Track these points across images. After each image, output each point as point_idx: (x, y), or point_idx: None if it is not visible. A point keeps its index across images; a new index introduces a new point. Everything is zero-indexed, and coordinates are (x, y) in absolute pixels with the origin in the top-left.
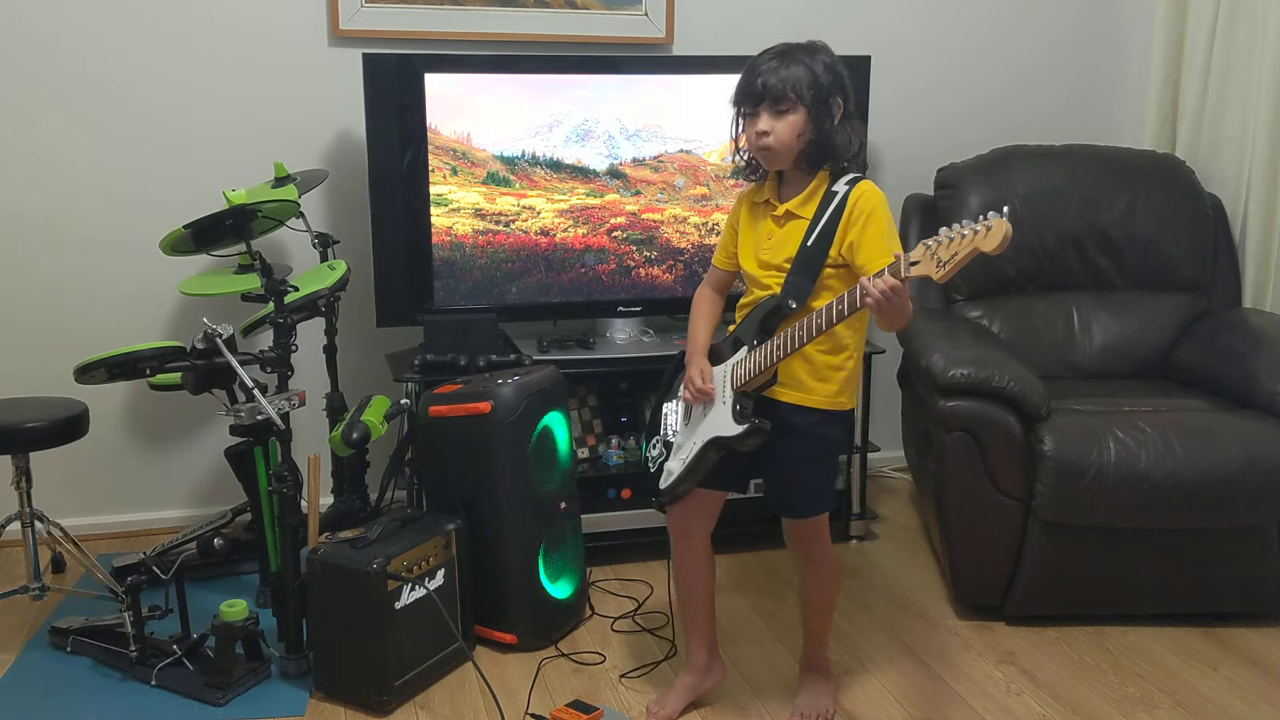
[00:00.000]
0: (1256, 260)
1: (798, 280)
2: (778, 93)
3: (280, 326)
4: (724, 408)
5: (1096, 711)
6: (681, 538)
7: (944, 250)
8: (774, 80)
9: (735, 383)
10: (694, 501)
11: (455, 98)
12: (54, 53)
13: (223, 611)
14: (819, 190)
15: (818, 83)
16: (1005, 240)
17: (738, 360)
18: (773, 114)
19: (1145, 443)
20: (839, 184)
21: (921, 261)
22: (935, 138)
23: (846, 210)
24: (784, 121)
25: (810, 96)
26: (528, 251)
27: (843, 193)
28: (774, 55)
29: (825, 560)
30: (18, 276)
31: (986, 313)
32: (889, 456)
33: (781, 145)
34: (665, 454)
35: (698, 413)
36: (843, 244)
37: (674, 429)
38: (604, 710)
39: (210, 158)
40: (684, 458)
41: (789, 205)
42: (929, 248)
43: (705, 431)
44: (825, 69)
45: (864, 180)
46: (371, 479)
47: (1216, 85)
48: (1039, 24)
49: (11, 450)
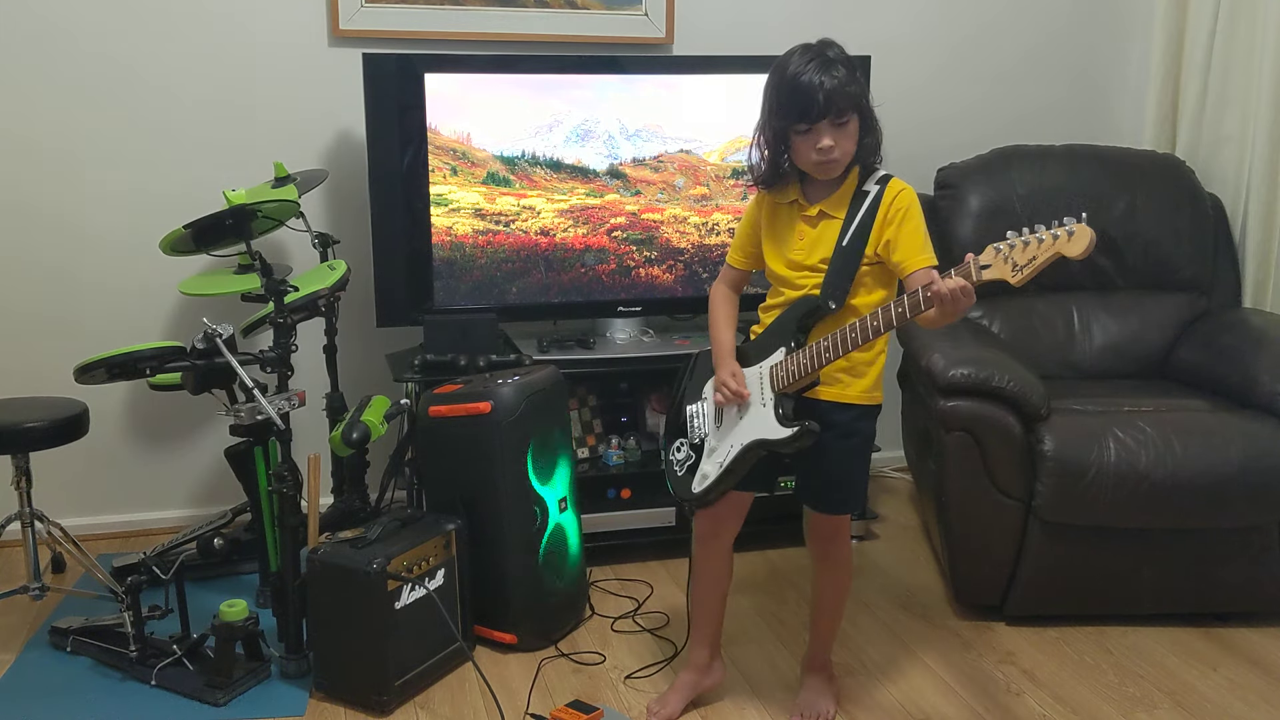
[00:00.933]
0: (1256, 260)
1: (836, 280)
2: (840, 106)
3: (280, 326)
4: (765, 410)
5: (1096, 711)
6: (709, 539)
7: (1019, 254)
8: (836, 93)
9: (776, 385)
10: (724, 504)
11: (455, 98)
12: (54, 51)
13: (223, 611)
14: (850, 189)
15: (859, 85)
16: (1091, 245)
17: (775, 362)
18: (834, 127)
19: (1145, 443)
20: (869, 182)
21: (994, 265)
22: (935, 137)
23: (882, 209)
24: (844, 132)
25: (862, 102)
26: (528, 251)
27: (875, 191)
28: (818, 66)
29: (843, 560)
30: (17, 277)
31: (986, 313)
32: (889, 456)
33: (846, 156)
34: (694, 457)
35: (730, 415)
36: (879, 242)
37: (702, 432)
38: (604, 710)
39: (210, 158)
40: (721, 461)
41: (822, 205)
42: (1000, 251)
43: (745, 434)
44: (856, 66)
45: (894, 178)
46: (371, 479)
47: (1216, 85)
48: (1039, 24)
49: (11, 450)
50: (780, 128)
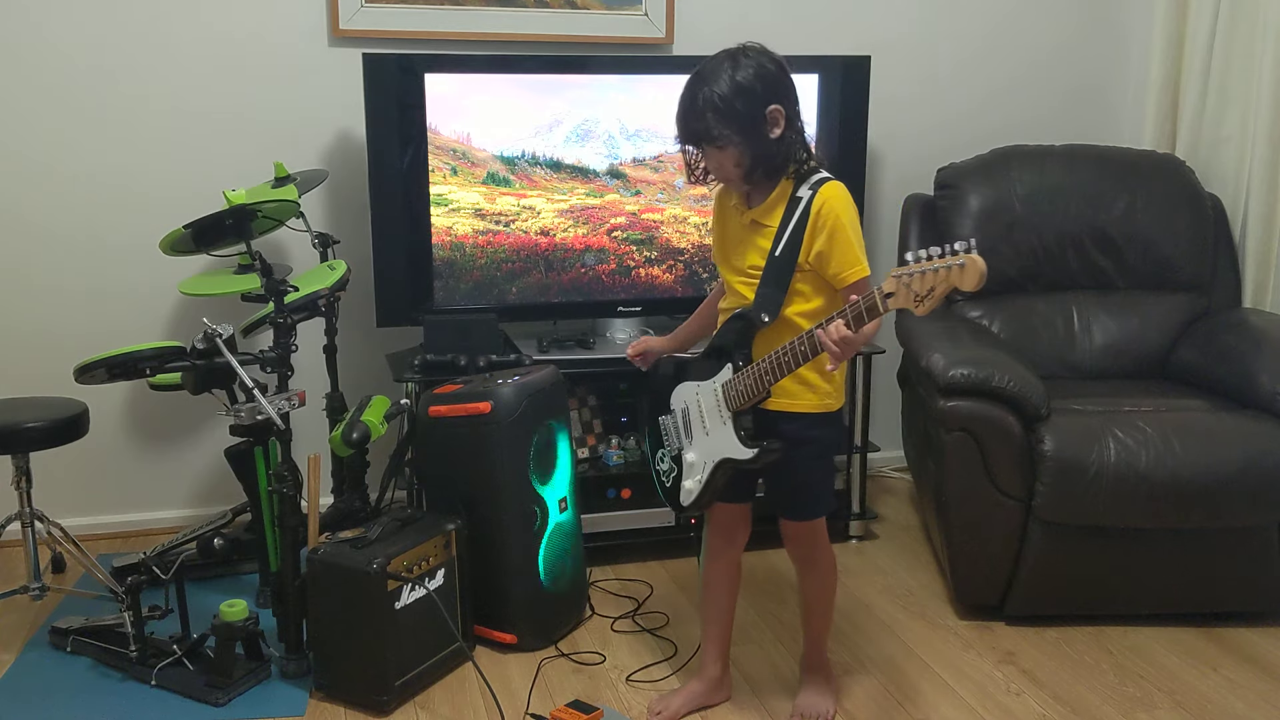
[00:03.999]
0: (1256, 260)
1: (769, 292)
2: (708, 136)
3: (280, 326)
4: (726, 428)
5: (1096, 711)
6: (722, 551)
7: (919, 284)
8: (698, 125)
9: (731, 404)
10: (726, 518)
11: (455, 98)
12: (54, 51)
13: (223, 611)
14: (784, 196)
15: (734, 110)
16: (982, 278)
17: (726, 380)
18: (714, 150)
19: (1145, 443)
20: (803, 188)
21: (897, 293)
22: (935, 137)
23: (811, 217)
24: (725, 154)
25: (735, 128)
26: (528, 251)
27: (807, 198)
28: (687, 93)
29: (823, 561)
30: (18, 276)
31: (986, 313)
32: (889, 456)
33: (730, 175)
34: (675, 469)
35: (699, 430)
36: (810, 252)
37: (678, 443)
38: (604, 710)
39: (210, 157)
40: (699, 478)
41: (754, 214)
42: (901, 279)
43: (714, 452)
44: (743, 89)
45: (829, 183)
46: (371, 479)
47: (1216, 85)
48: (1039, 24)
49: (11, 450)
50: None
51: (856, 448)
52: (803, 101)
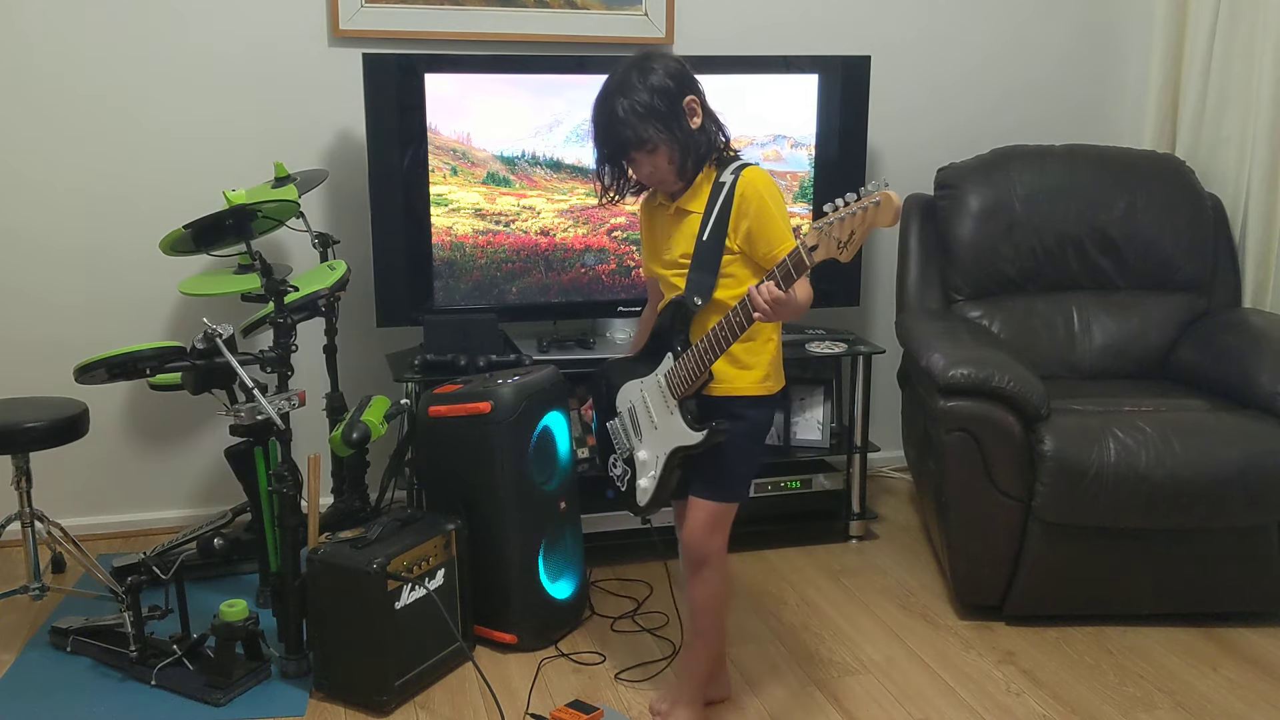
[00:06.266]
0: (1256, 260)
1: (699, 276)
2: (637, 142)
3: (280, 326)
4: (674, 416)
5: (1096, 711)
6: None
7: (839, 230)
8: (628, 133)
9: (676, 391)
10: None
11: (455, 98)
12: (54, 52)
13: (223, 611)
14: (707, 182)
15: (656, 109)
16: (898, 213)
17: (668, 369)
18: (645, 154)
19: (1145, 443)
20: (725, 173)
21: (820, 245)
22: (935, 137)
23: (736, 201)
24: (656, 156)
25: (661, 126)
26: (528, 251)
27: (730, 182)
28: (605, 110)
29: (720, 564)
30: (18, 275)
31: (986, 313)
32: (889, 456)
33: (666, 177)
34: (629, 471)
35: (648, 426)
36: (737, 235)
37: (629, 444)
38: (604, 710)
39: (210, 157)
40: (653, 474)
41: (679, 203)
42: (822, 230)
43: (665, 444)
44: (658, 89)
45: (749, 167)
46: (371, 479)
47: (1216, 85)
48: (1039, 24)
49: (11, 450)
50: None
51: (856, 448)
52: (803, 101)
